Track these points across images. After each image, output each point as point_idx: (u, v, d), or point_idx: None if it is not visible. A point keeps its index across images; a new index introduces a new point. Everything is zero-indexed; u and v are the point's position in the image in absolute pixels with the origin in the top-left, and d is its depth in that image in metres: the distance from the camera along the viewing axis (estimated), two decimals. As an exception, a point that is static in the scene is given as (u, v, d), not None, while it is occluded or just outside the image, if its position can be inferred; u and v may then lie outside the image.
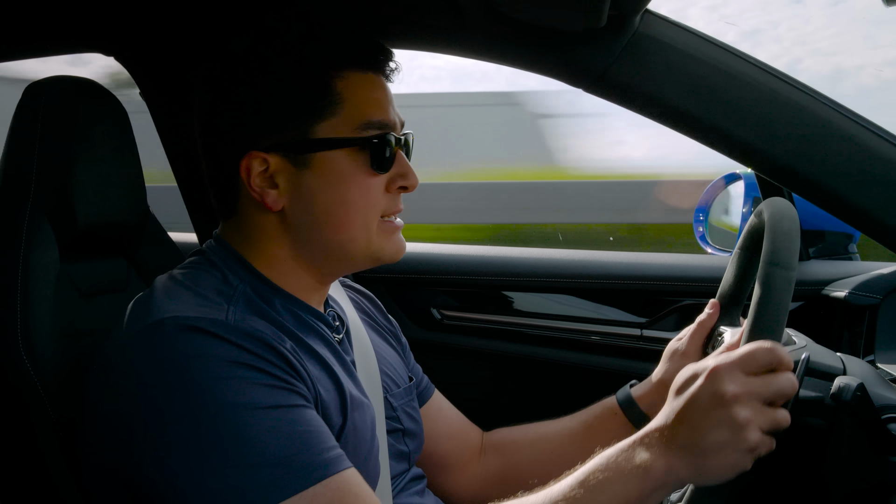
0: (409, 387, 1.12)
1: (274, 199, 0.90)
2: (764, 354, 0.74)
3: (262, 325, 0.84)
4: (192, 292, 0.86)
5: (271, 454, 0.74)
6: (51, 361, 0.94)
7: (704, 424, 0.73)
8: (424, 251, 1.78)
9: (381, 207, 0.93)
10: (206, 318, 0.80)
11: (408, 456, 1.06)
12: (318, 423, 0.80)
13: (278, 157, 0.90)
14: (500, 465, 1.21)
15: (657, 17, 1.02)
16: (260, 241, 0.93)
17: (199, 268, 0.92)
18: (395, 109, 0.96)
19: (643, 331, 1.60)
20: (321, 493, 0.74)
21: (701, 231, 1.86)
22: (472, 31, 1.09)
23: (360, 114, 0.90)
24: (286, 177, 0.90)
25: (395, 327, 1.22)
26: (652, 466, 0.74)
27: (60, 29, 1.22)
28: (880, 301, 1.23)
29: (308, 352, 0.89)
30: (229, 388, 0.76)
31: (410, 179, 0.95)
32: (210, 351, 0.77)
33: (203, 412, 0.75)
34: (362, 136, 0.90)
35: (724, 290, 1.12)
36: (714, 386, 0.73)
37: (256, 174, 0.90)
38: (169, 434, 0.75)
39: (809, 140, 1.00)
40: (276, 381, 0.79)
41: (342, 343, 1.00)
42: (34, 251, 0.98)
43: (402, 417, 1.06)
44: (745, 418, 0.72)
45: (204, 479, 0.73)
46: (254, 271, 0.92)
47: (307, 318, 0.94)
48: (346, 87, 0.90)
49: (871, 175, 0.99)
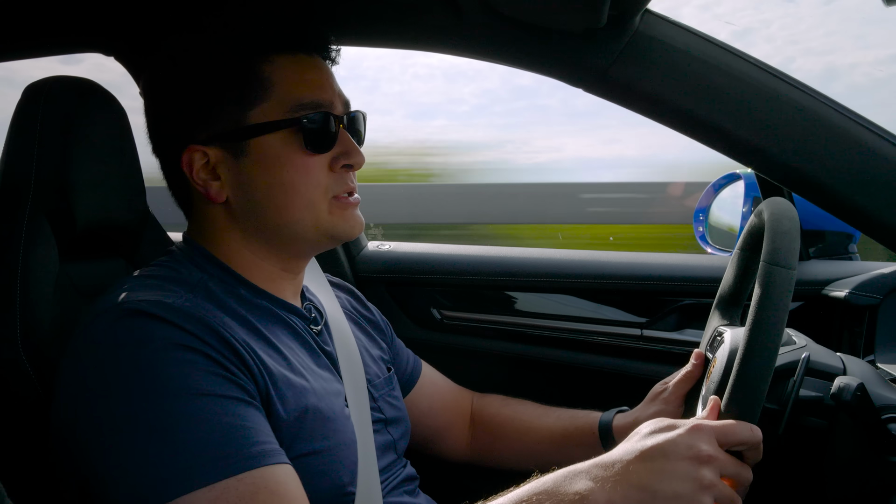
0: (388, 377, 1.12)
1: (217, 191, 0.91)
2: (745, 432, 0.78)
3: (215, 313, 0.84)
4: (151, 283, 0.86)
5: (190, 442, 0.73)
6: (50, 361, 0.94)
7: (670, 471, 0.75)
8: (424, 251, 1.78)
9: (325, 187, 0.92)
10: (151, 301, 0.80)
11: (393, 445, 1.07)
12: (251, 418, 0.79)
13: (216, 148, 0.90)
14: (486, 440, 1.28)
15: (657, 16, 1.02)
16: (215, 234, 0.94)
17: (165, 265, 0.93)
18: (335, 89, 0.95)
19: (643, 331, 1.60)
20: (233, 487, 0.73)
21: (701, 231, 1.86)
22: (472, 31, 1.09)
23: (290, 96, 0.90)
24: (226, 167, 0.91)
25: (376, 318, 1.22)
26: (590, 497, 0.75)
27: (60, 29, 1.22)
28: (880, 301, 1.23)
29: (267, 345, 0.88)
30: (163, 371, 0.76)
31: (354, 157, 0.94)
32: (149, 333, 0.78)
33: (131, 394, 0.75)
34: (294, 117, 0.89)
35: (724, 289, 1.12)
36: (693, 440, 0.76)
37: (199, 168, 0.91)
38: (99, 416, 0.75)
39: (809, 140, 1.00)
40: (216, 368, 0.79)
41: (321, 335, 1.00)
42: (34, 251, 0.98)
43: (383, 407, 1.07)
44: (710, 481, 0.75)
45: (124, 461, 0.73)
46: (220, 265, 0.93)
47: (277, 311, 0.94)
48: (275, 71, 0.90)
49: (871, 175, 0.99)
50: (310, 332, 0.98)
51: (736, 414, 0.80)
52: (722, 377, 0.91)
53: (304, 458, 0.85)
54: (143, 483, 0.72)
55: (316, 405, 0.89)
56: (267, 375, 0.84)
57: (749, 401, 0.79)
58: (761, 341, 0.78)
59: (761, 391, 0.79)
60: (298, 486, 0.79)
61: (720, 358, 0.95)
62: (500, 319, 1.69)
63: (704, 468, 0.75)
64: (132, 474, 0.73)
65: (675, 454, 0.76)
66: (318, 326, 1.01)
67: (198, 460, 0.73)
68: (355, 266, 1.75)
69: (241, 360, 0.82)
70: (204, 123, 0.90)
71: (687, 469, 0.75)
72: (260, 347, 0.86)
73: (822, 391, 0.88)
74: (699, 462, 0.75)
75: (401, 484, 1.05)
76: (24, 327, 0.94)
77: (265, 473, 0.76)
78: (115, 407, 0.75)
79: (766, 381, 0.78)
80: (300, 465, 0.82)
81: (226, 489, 0.73)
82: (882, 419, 0.85)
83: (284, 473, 0.78)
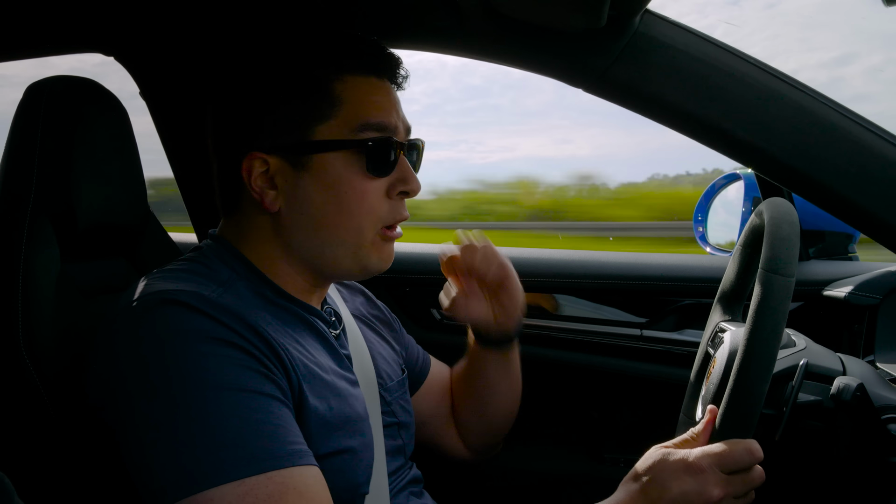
0: (401, 379, 1.13)
1: (272, 200, 0.91)
2: (743, 456, 0.80)
3: (249, 310, 0.84)
4: (184, 276, 0.87)
5: (222, 436, 0.74)
6: (52, 361, 0.94)
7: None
8: (424, 251, 1.78)
9: (379, 213, 0.92)
10: (189, 292, 0.80)
11: (402, 449, 1.07)
12: (283, 417, 0.79)
13: (278, 158, 0.90)
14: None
15: (657, 17, 1.02)
16: (256, 240, 0.94)
17: (196, 261, 0.93)
18: (399, 114, 0.95)
19: (643, 331, 1.60)
20: (262, 485, 0.74)
21: (701, 231, 1.86)
22: (472, 32, 1.09)
23: (357, 116, 0.90)
24: (285, 178, 0.90)
25: (385, 315, 1.22)
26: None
27: (60, 29, 1.22)
28: (880, 301, 1.23)
29: (297, 343, 0.89)
30: (200, 365, 0.76)
31: (411, 184, 0.94)
32: (188, 325, 0.78)
33: (168, 385, 0.75)
34: (358, 137, 0.90)
35: (725, 286, 1.12)
36: (702, 486, 0.79)
37: (257, 175, 0.90)
38: (140, 407, 0.76)
39: (809, 140, 1.00)
40: (252, 363, 0.79)
41: (339, 338, 1.01)
42: (35, 251, 0.98)
43: (396, 411, 1.07)
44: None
45: (157, 453, 0.74)
46: (251, 266, 0.93)
47: (302, 314, 0.95)
48: (345, 90, 0.90)
49: (871, 175, 0.99)
50: (330, 334, 0.98)
51: (732, 427, 0.80)
52: (721, 379, 0.91)
53: (331, 456, 0.86)
54: (173, 473, 0.73)
55: (341, 405, 0.89)
56: (300, 374, 0.84)
57: (745, 413, 0.79)
58: (758, 351, 0.78)
59: (758, 402, 0.79)
60: (325, 490, 0.80)
61: (720, 358, 0.95)
62: (501, 319, 1.69)
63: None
64: (163, 465, 0.73)
65: (688, 501, 0.79)
66: (336, 330, 1.01)
67: (229, 455, 0.73)
68: None
69: (276, 356, 0.82)
70: (269, 132, 0.90)
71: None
72: (291, 345, 0.87)
73: (821, 395, 0.88)
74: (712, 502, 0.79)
75: (407, 485, 1.06)
76: (27, 327, 0.94)
77: (294, 474, 0.76)
78: (149, 396, 0.75)
79: (763, 390, 0.78)
80: (326, 464, 0.83)
81: (255, 486, 0.73)
82: (882, 419, 0.85)
83: (312, 476, 0.79)
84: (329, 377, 0.90)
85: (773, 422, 0.87)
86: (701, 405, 1.00)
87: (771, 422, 0.87)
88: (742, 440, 0.80)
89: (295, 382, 0.83)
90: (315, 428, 0.84)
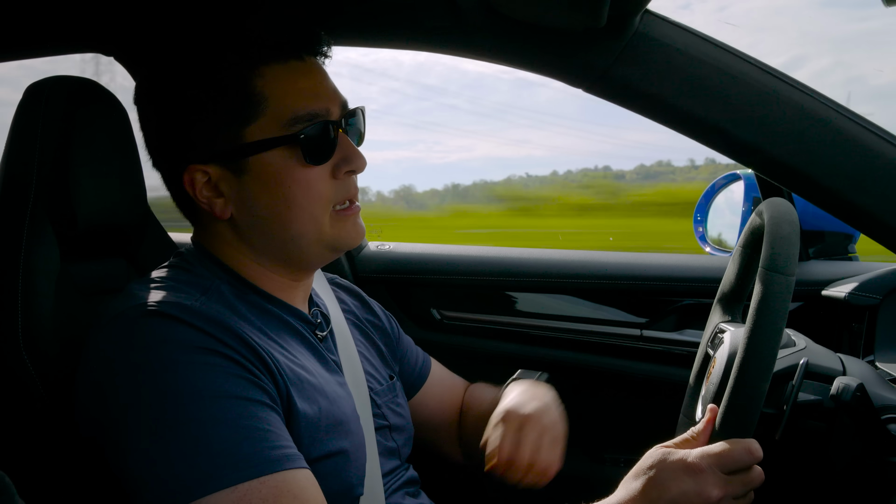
0: (391, 384, 1.12)
1: (221, 208, 0.90)
2: (743, 456, 0.79)
3: (232, 316, 0.84)
4: (165, 285, 0.86)
5: (214, 444, 0.74)
6: (52, 361, 0.94)
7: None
8: (424, 251, 1.78)
9: (328, 197, 0.91)
10: (171, 303, 0.81)
11: (397, 451, 1.07)
12: (273, 422, 0.79)
13: (216, 166, 0.89)
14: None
15: (657, 17, 1.02)
16: (222, 246, 0.94)
17: (177, 267, 0.93)
18: (329, 91, 0.92)
19: (643, 331, 1.60)
20: (255, 490, 0.74)
21: (701, 231, 1.86)
22: (472, 32, 1.09)
23: (285, 110, 0.88)
24: (228, 185, 0.90)
25: (381, 321, 1.19)
26: None
27: (60, 29, 1.22)
28: (880, 301, 1.23)
29: (281, 347, 0.89)
30: (187, 375, 0.76)
31: (355, 162, 0.92)
32: (172, 335, 0.78)
33: (156, 397, 0.75)
34: (290, 132, 0.87)
35: (725, 286, 1.12)
36: (701, 486, 0.78)
37: (201, 186, 0.90)
38: (127, 417, 0.76)
39: (809, 140, 1.00)
40: (238, 370, 0.79)
41: (325, 341, 1.00)
42: (35, 251, 0.98)
43: (387, 414, 1.06)
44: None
45: (150, 463, 0.74)
46: (229, 271, 0.93)
47: (285, 317, 0.94)
48: (266, 85, 0.88)
49: (871, 175, 0.99)
50: (314, 337, 0.98)
51: (732, 426, 0.80)
52: (721, 379, 0.91)
53: (323, 459, 0.86)
54: (166, 483, 0.73)
55: (330, 407, 0.89)
56: (286, 378, 0.84)
57: (745, 412, 0.79)
58: (759, 349, 0.78)
59: (758, 402, 0.79)
60: (318, 492, 0.80)
61: (720, 358, 0.95)
62: (500, 319, 1.69)
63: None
64: (155, 476, 0.73)
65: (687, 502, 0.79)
66: (323, 332, 1.00)
67: (221, 462, 0.73)
68: (355, 266, 1.75)
69: (262, 362, 0.82)
70: (201, 142, 0.89)
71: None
72: (276, 350, 0.87)
73: (821, 394, 0.88)
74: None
75: (402, 486, 1.05)
76: (26, 326, 0.94)
77: (287, 477, 0.76)
78: (136, 409, 0.76)
79: (763, 389, 0.78)
80: (319, 467, 0.83)
81: (248, 491, 0.73)
82: (882, 419, 0.85)
83: (305, 478, 0.79)
84: (316, 380, 0.90)
85: (773, 421, 0.87)
86: (701, 405, 1.00)
87: (771, 421, 0.87)
88: (742, 440, 0.80)
89: (283, 387, 0.83)
90: (305, 431, 0.84)
